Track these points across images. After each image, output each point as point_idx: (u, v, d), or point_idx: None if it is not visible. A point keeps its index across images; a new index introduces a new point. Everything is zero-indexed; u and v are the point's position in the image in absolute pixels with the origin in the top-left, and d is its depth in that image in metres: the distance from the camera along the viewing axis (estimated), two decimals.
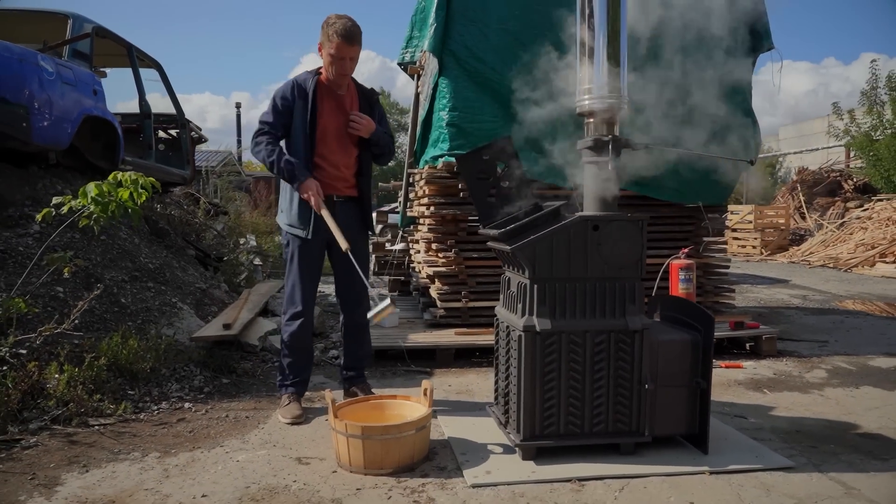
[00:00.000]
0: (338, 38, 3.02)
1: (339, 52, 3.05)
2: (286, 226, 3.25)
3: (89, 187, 3.43)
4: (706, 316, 2.68)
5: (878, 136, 16.66)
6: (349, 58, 3.10)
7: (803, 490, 2.37)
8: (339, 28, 3.03)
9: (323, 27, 3.10)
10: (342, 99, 3.24)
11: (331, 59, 3.08)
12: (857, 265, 10.90)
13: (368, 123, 3.19)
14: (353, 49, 3.08)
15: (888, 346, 4.98)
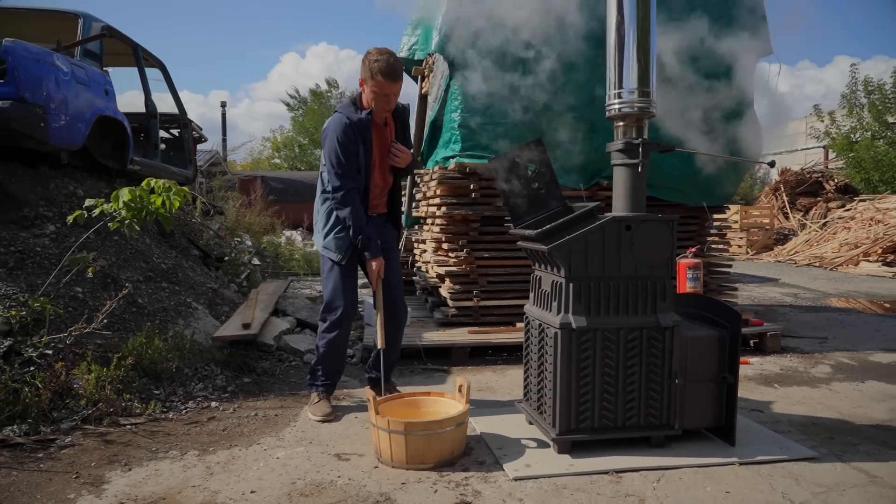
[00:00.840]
0: (381, 76, 3.04)
1: (383, 90, 3.08)
2: (322, 248, 3.30)
3: (122, 192, 3.44)
4: (733, 313, 2.78)
5: (856, 137, 17.07)
6: (393, 94, 3.14)
7: (830, 479, 2.48)
8: (383, 66, 3.03)
9: (364, 63, 3.11)
10: (384, 129, 3.30)
11: (374, 95, 3.10)
12: (842, 264, 11.16)
13: (407, 155, 3.27)
14: (396, 86, 3.11)
15: (885, 341, 5.14)
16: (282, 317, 5.15)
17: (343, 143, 3.10)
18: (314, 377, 3.35)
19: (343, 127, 3.11)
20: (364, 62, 3.11)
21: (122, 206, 3.49)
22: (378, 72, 3.03)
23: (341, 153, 3.11)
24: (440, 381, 4.00)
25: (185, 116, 6.89)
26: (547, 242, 2.65)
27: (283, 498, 2.35)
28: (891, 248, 10.87)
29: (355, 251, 3.25)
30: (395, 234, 3.49)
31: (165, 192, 3.52)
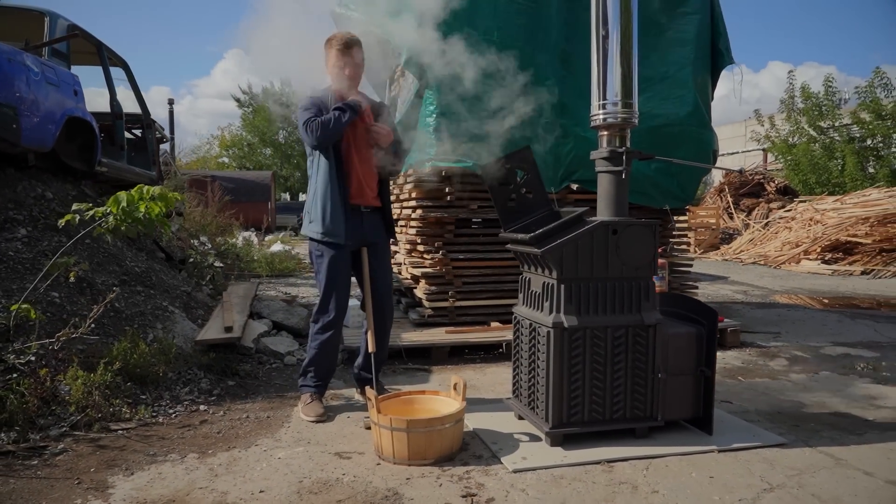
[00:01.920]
0: (335, 49, 3.24)
1: (334, 61, 3.25)
2: (319, 234, 3.31)
3: (121, 197, 3.39)
4: (710, 311, 2.98)
5: (794, 141, 17.93)
6: (345, 65, 3.25)
7: (801, 463, 2.70)
8: (336, 41, 3.26)
9: (326, 48, 3.30)
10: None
11: (331, 69, 3.27)
12: (784, 262, 11.75)
13: (388, 134, 3.33)
14: (345, 57, 3.24)
15: (832, 335, 5.50)
16: (257, 319, 5.15)
17: (304, 105, 3.24)
18: (306, 378, 3.40)
19: (306, 97, 3.28)
20: (325, 48, 3.30)
21: (121, 212, 3.42)
22: (332, 47, 3.24)
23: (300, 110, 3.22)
24: (423, 380, 4.10)
25: (148, 116, 6.77)
26: (540, 246, 2.79)
27: (293, 496, 2.41)
28: (829, 247, 11.50)
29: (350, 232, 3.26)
30: (386, 234, 3.51)
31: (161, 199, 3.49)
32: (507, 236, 3.10)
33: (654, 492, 2.42)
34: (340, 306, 3.31)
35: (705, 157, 5.46)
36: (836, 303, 7.59)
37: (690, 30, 5.42)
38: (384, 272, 3.48)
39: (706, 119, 5.56)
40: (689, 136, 5.39)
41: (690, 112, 5.42)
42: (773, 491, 2.43)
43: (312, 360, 3.35)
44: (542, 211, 3.17)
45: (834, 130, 16.63)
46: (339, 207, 3.24)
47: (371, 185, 3.39)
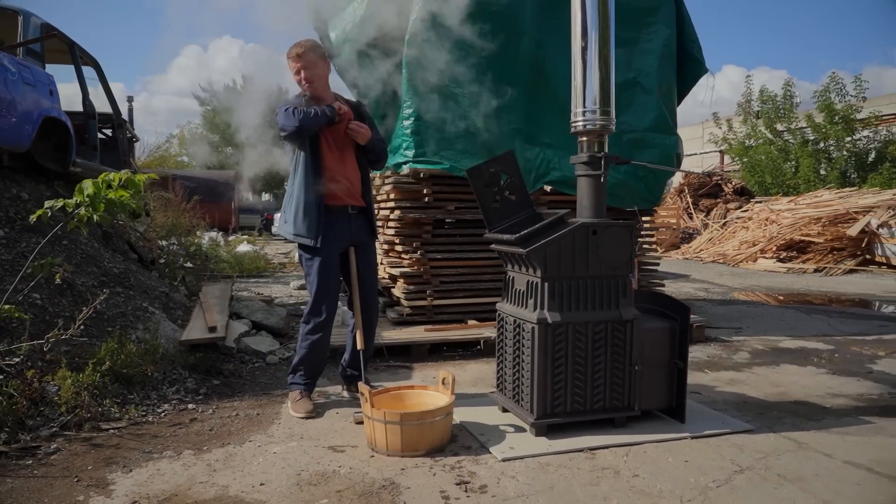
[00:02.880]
0: (288, 59, 3.36)
1: (292, 68, 3.36)
2: (292, 235, 3.40)
3: (86, 185, 3.39)
4: (682, 307, 3.17)
5: (750, 143, 18.55)
6: (302, 69, 3.32)
7: (767, 447, 2.90)
8: (289, 50, 3.34)
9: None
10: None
11: (294, 78, 3.38)
12: (742, 260, 12.19)
13: (366, 131, 3.41)
14: (296, 64, 3.32)
15: (789, 330, 5.80)
16: (237, 319, 5.19)
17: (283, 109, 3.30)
18: (296, 376, 3.47)
19: (283, 102, 3.38)
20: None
21: (88, 200, 3.42)
22: (287, 56, 3.35)
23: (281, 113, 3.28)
24: (405, 376, 4.21)
25: (119, 116, 6.71)
26: (525, 246, 2.93)
27: (293, 488, 2.51)
28: (784, 246, 11.98)
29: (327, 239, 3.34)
30: (370, 234, 3.59)
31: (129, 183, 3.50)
32: (492, 237, 3.23)
33: (635, 476, 2.59)
34: (331, 308, 3.40)
35: (669, 161, 5.69)
36: (792, 299, 7.95)
37: (656, 39, 5.65)
38: (370, 271, 3.58)
39: (670, 124, 5.81)
40: (652, 141, 5.62)
41: (654, 118, 5.66)
42: (744, 472, 2.62)
43: (303, 359, 3.43)
44: (524, 212, 3.32)
45: (789, 133, 17.26)
46: (314, 209, 3.32)
47: (356, 185, 3.48)
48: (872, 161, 15.93)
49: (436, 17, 5.05)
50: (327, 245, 3.36)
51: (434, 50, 5.05)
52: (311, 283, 3.39)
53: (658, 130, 5.64)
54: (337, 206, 3.39)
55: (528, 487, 2.48)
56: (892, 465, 2.70)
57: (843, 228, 11.43)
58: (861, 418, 3.32)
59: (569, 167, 5.33)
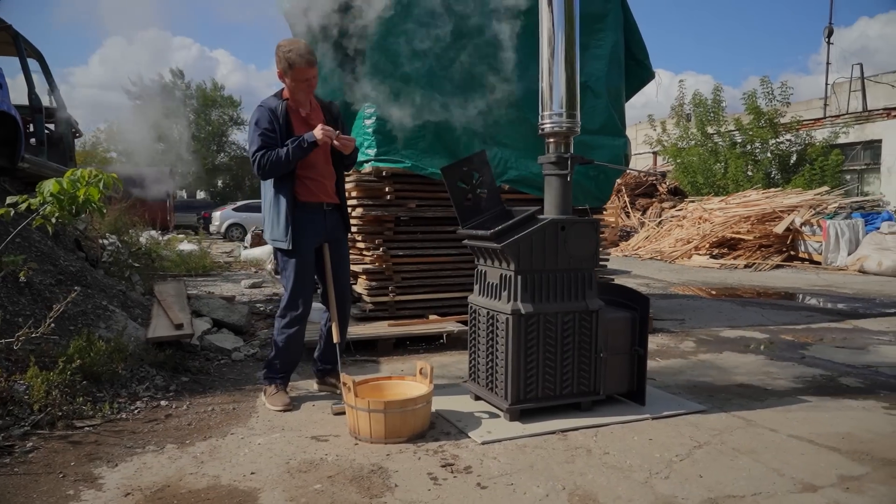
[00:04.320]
0: (298, 63, 3.27)
1: (302, 76, 3.31)
2: (271, 241, 3.47)
3: (47, 184, 3.36)
4: (643, 298, 3.40)
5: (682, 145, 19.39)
6: (311, 77, 3.35)
7: (720, 425, 3.16)
8: (297, 54, 3.27)
9: (278, 55, 3.32)
10: (309, 117, 3.49)
11: (295, 83, 3.34)
12: (678, 257, 12.78)
13: (352, 142, 3.51)
14: (312, 70, 3.33)
15: (728, 320, 6.20)
16: (196, 317, 5.15)
17: (258, 121, 3.34)
18: (271, 370, 3.52)
19: (259, 112, 3.38)
20: (278, 55, 3.32)
21: (51, 199, 3.38)
22: (295, 60, 3.27)
23: (254, 130, 3.33)
24: (373, 370, 4.31)
25: (64, 111, 6.52)
26: (499, 241, 3.10)
27: (285, 475, 2.59)
28: (716, 243, 12.64)
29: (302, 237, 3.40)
30: (345, 230, 3.67)
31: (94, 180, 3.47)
32: (466, 233, 3.38)
33: (606, 453, 2.79)
34: (307, 302, 3.47)
35: (618, 162, 5.99)
36: (726, 293, 8.45)
37: (605, 45, 5.92)
38: (344, 266, 3.67)
39: (619, 127, 6.10)
40: (602, 142, 5.89)
41: (604, 121, 5.93)
42: (702, 447, 2.86)
43: (279, 353, 3.49)
44: (495, 209, 3.48)
45: (719, 136, 18.14)
46: (288, 211, 3.37)
47: (330, 185, 3.56)
48: (794, 163, 16.94)
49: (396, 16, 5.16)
50: (303, 242, 3.43)
51: (395, 50, 5.17)
52: (288, 279, 3.45)
53: (607, 132, 5.92)
54: (312, 203, 3.46)
55: (509, 467, 2.65)
56: (829, 437, 3.00)
57: (770, 226, 12.16)
58: (799, 398, 3.64)
59: (525, 167, 5.57)
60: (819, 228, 11.69)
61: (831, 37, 22.04)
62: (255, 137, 3.33)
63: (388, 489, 2.45)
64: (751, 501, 2.35)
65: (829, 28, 22.13)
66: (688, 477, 2.56)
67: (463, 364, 4.33)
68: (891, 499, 2.38)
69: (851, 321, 6.24)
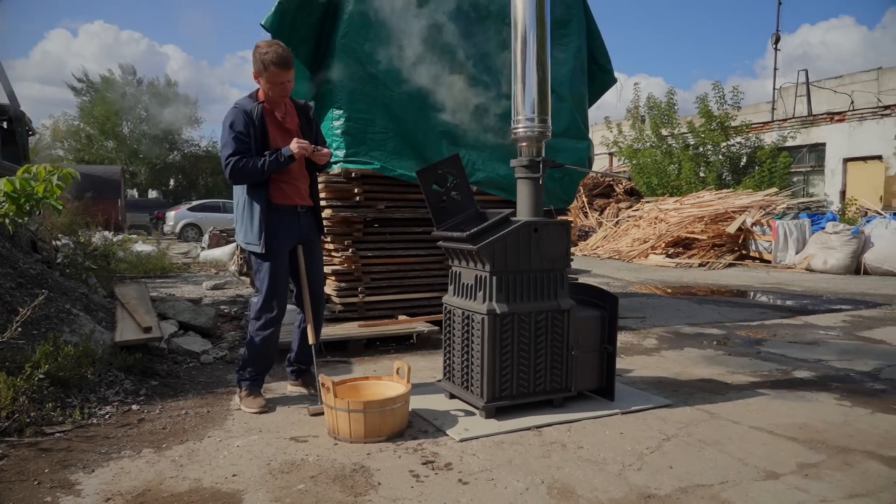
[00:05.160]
0: (273, 66, 3.24)
1: (277, 79, 3.29)
2: (245, 244, 3.46)
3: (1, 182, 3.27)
4: (612, 297, 3.52)
5: (638, 146, 19.83)
6: (287, 81, 3.34)
7: (685, 418, 3.30)
8: (273, 56, 3.24)
9: (255, 56, 3.31)
10: (284, 119, 3.49)
11: (270, 85, 3.32)
12: (636, 256, 13.10)
13: (328, 153, 3.54)
14: (288, 73, 3.32)
15: (686, 318, 6.42)
16: (162, 320, 5.07)
17: (232, 123, 3.32)
18: (246, 372, 3.51)
19: (234, 113, 3.36)
20: (255, 56, 3.32)
21: (6, 198, 3.30)
22: (270, 62, 3.25)
23: (228, 133, 3.31)
24: (345, 371, 4.34)
25: (17, 108, 6.32)
26: (475, 243, 3.17)
27: (267, 476, 2.60)
28: (672, 243, 13.00)
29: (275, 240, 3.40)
30: (318, 231, 3.68)
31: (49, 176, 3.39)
32: (441, 234, 3.44)
33: (580, 447, 2.89)
34: (282, 304, 3.47)
35: (581, 164, 6.13)
36: (683, 291, 8.72)
37: (569, 50, 6.06)
38: (318, 268, 3.69)
39: (582, 130, 6.26)
40: (567, 145, 6.03)
41: (568, 124, 6.08)
42: (670, 440, 2.99)
43: (253, 355, 3.48)
44: (468, 211, 3.55)
45: (672, 138, 18.62)
46: (261, 214, 3.37)
47: (304, 188, 3.57)
48: (744, 165, 17.51)
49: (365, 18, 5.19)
50: (276, 245, 3.43)
51: (365, 53, 5.19)
52: (262, 281, 3.45)
53: (571, 136, 6.06)
54: (286, 205, 3.47)
55: (489, 462, 2.72)
56: (787, 428, 3.17)
57: (723, 226, 12.57)
58: (757, 391, 3.82)
59: (492, 168, 5.66)
60: (769, 228, 12.15)
61: (778, 43, 22.88)
62: (228, 140, 3.31)
63: (372, 487, 2.49)
64: (719, 489, 2.48)
65: (776, 35, 22.96)
66: (659, 468, 2.67)
67: (434, 363, 4.39)
68: (846, 483, 2.54)
69: (802, 317, 6.53)
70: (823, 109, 19.45)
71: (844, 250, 10.84)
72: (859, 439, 3.02)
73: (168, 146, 38.24)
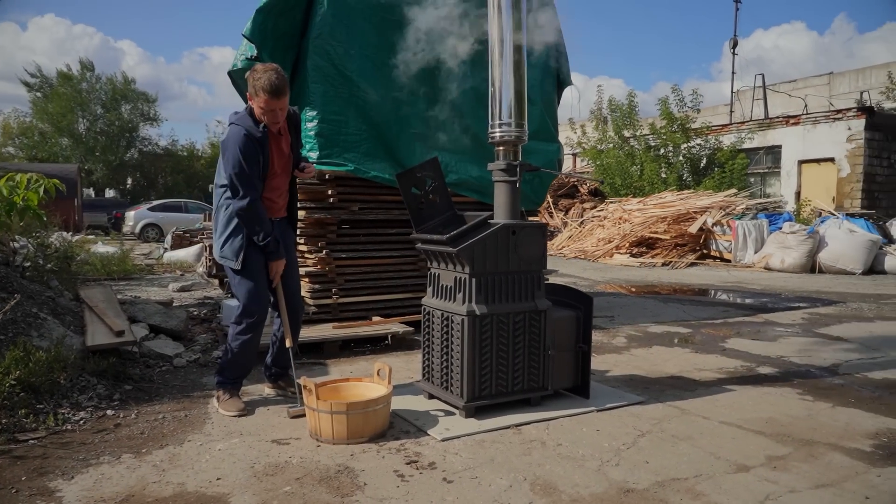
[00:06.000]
0: (265, 94, 3.17)
1: (269, 106, 3.23)
2: (220, 258, 3.46)
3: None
4: (586, 297, 3.61)
5: (601, 148, 20.17)
6: (279, 109, 3.29)
7: (658, 414, 3.41)
8: (265, 84, 3.16)
9: (249, 80, 3.25)
10: (280, 138, 3.46)
11: (261, 111, 3.26)
12: (601, 256, 13.33)
13: (312, 168, 3.59)
14: (281, 101, 3.26)
15: (653, 316, 6.58)
16: (132, 323, 5.00)
17: (245, 153, 3.23)
18: (225, 376, 3.50)
19: (243, 140, 3.24)
20: (249, 79, 3.26)
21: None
22: (261, 89, 3.19)
23: (245, 164, 3.23)
24: (322, 372, 4.34)
25: None
26: (455, 245, 3.21)
27: (252, 479, 2.61)
28: (636, 243, 13.26)
29: (254, 253, 3.41)
30: (293, 236, 3.71)
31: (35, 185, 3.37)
32: (420, 236, 3.48)
33: (559, 445, 2.97)
34: (263, 309, 3.46)
35: (551, 166, 6.24)
36: (648, 290, 8.92)
37: (540, 55, 6.16)
38: (293, 272, 3.68)
39: (552, 132, 6.37)
40: (537, 148, 6.13)
41: (538, 127, 6.17)
42: (645, 436, 3.09)
43: (233, 359, 3.46)
44: (446, 214, 3.60)
45: (634, 139, 18.99)
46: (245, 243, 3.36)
47: (283, 201, 3.59)
48: (704, 166, 17.96)
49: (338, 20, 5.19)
50: (255, 255, 3.40)
51: (338, 54, 5.19)
52: (240, 286, 3.43)
53: (542, 138, 6.15)
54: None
55: (472, 461, 2.77)
56: (754, 422, 3.30)
57: (685, 226, 12.88)
58: (724, 387, 3.96)
59: (465, 170, 5.72)
60: (729, 228, 12.50)
61: (736, 47, 23.51)
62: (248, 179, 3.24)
63: (358, 488, 2.52)
64: (693, 482, 2.58)
65: (733, 39, 23.58)
66: (636, 463, 2.76)
67: (411, 365, 4.43)
68: (812, 474, 2.66)
69: (763, 315, 6.76)
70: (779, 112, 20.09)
71: (800, 250, 11.23)
72: (822, 432, 3.17)
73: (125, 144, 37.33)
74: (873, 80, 22.48)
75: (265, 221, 3.34)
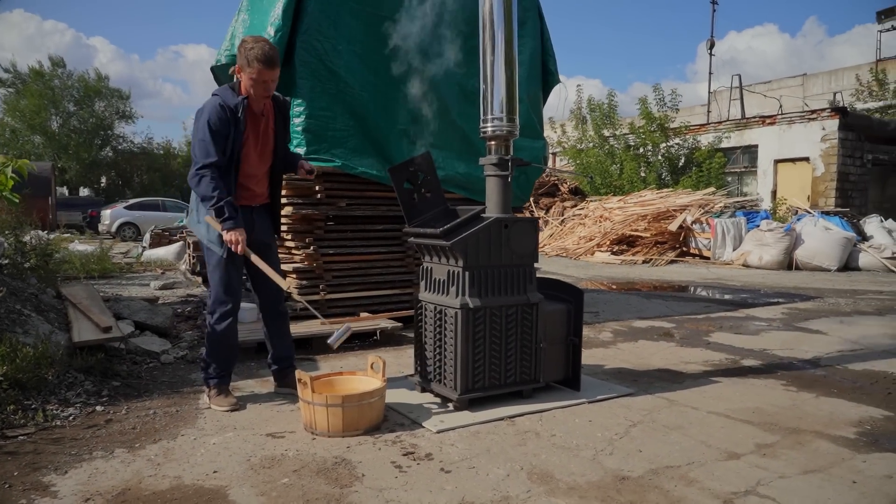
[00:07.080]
0: (258, 63, 3.16)
1: (261, 77, 3.22)
2: (206, 240, 3.40)
3: None
4: (577, 290, 3.65)
5: (581, 147, 20.33)
6: (270, 80, 3.27)
7: (648, 405, 3.46)
8: (259, 53, 3.16)
9: (240, 51, 3.23)
10: (260, 118, 3.41)
11: (252, 82, 3.23)
12: (582, 254, 13.44)
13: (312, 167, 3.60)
14: (273, 72, 3.25)
15: (637, 312, 6.66)
16: (117, 320, 4.94)
17: (213, 122, 3.19)
18: (209, 370, 3.44)
19: (216, 109, 3.21)
20: (240, 50, 3.24)
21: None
22: (255, 59, 3.17)
23: (209, 132, 3.18)
24: (312, 368, 4.33)
25: None
26: (448, 239, 3.24)
27: (249, 472, 2.60)
28: (617, 240, 13.40)
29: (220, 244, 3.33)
30: (272, 229, 3.62)
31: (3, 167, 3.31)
32: (413, 230, 3.50)
33: (553, 435, 3.00)
34: (236, 297, 3.41)
35: (538, 163, 6.28)
36: (630, 287, 9.03)
37: (525, 51, 6.19)
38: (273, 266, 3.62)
39: (538, 130, 6.42)
40: (523, 145, 6.15)
41: (524, 124, 6.19)
42: (636, 426, 3.14)
43: (214, 351, 3.41)
44: (438, 208, 3.62)
45: (614, 139, 19.17)
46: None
47: (263, 187, 3.52)
48: (682, 165, 18.20)
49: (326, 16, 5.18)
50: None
51: (325, 50, 5.18)
52: (214, 272, 3.37)
53: (528, 136, 6.18)
54: (242, 206, 3.41)
55: (468, 452, 2.79)
56: (742, 412, 3.37)
57: (665, 224, 13.04)
58: (711, 379, 4.03)
59: (452, 166, 5.74)
60: (708, 226, 12.68)
61: (713, 49, 23.83)
62: (208, 145, 3.18)
63: (356, 479, 2.53)
64: (686, 470, 2.63)
65: (710, 41, 23.90)
66: (629, 452, 2.81)
67: (400, 360, 4.45)
68: (800, 461, 2.73)
69: (743, 310, 6.88)
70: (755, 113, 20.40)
71: (778, 247, 11.44)
72: (808, 421, 3.25)
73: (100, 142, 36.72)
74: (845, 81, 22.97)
75: (219, 188, 3.19)
